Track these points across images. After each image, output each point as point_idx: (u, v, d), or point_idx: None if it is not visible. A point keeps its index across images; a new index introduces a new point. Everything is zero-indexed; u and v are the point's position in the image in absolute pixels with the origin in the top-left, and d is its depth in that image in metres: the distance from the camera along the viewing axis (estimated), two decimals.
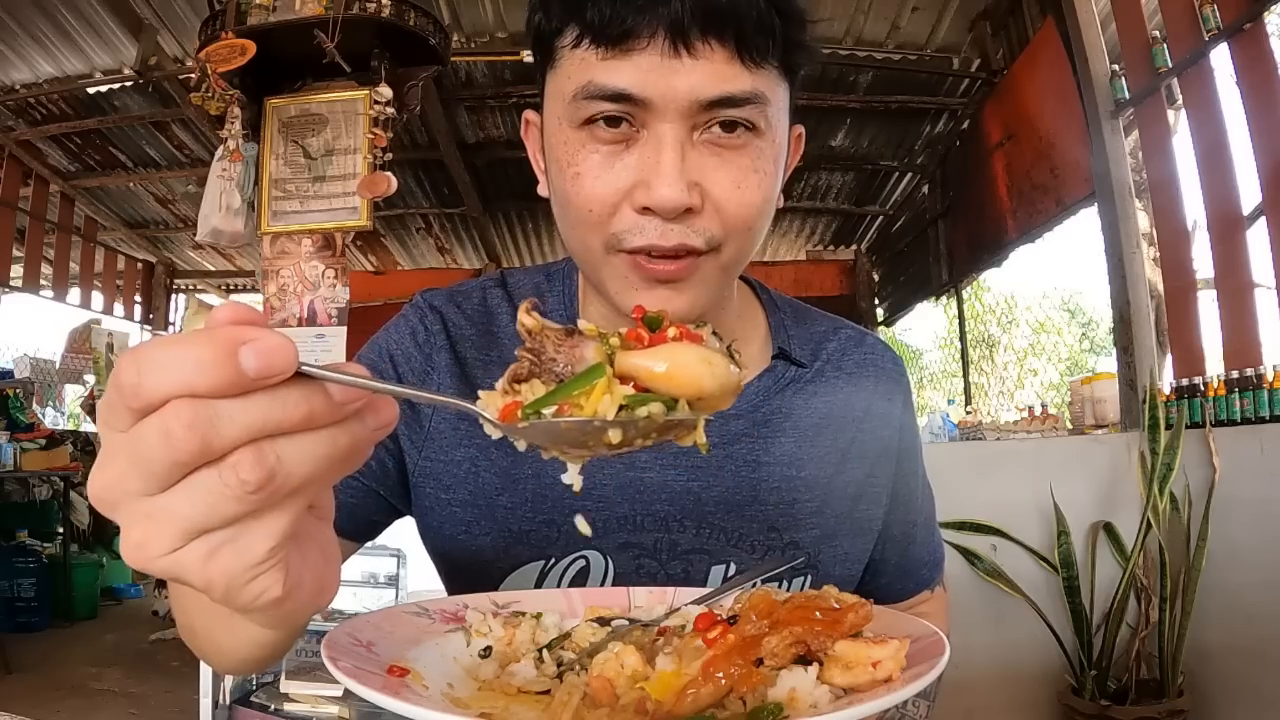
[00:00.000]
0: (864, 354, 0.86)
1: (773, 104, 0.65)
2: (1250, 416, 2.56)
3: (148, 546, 0.34)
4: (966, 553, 2.78)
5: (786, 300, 0.90)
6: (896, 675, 0.42)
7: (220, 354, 0.31)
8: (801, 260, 7.14)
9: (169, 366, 0.32)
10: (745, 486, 0.76)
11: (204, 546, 0.34)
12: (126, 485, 0.33)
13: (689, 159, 0.63)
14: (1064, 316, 10.37)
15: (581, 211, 0.65)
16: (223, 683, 2.31)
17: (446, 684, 0.48)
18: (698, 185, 0.63)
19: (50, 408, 6.82)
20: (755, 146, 0.65)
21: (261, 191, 3.36)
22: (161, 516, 0.33)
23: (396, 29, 3.21)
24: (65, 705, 3.70)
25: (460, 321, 0.79)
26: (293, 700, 2.22)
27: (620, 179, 0.64)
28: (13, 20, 4.52)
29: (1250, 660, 2.44)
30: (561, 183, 0.67)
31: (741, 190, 0.65)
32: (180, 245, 7.47)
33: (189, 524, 0.33)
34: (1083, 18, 3.43)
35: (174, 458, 0.32)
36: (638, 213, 0.64)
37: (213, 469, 0.33)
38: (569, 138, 0.65)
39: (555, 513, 0.74)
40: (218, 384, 0.31)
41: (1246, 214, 2.79)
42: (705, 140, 0.64)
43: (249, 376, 0.32)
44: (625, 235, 0.65)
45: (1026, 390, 7.13)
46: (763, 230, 0.69)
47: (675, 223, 0.63)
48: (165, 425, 0.32)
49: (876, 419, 0.83)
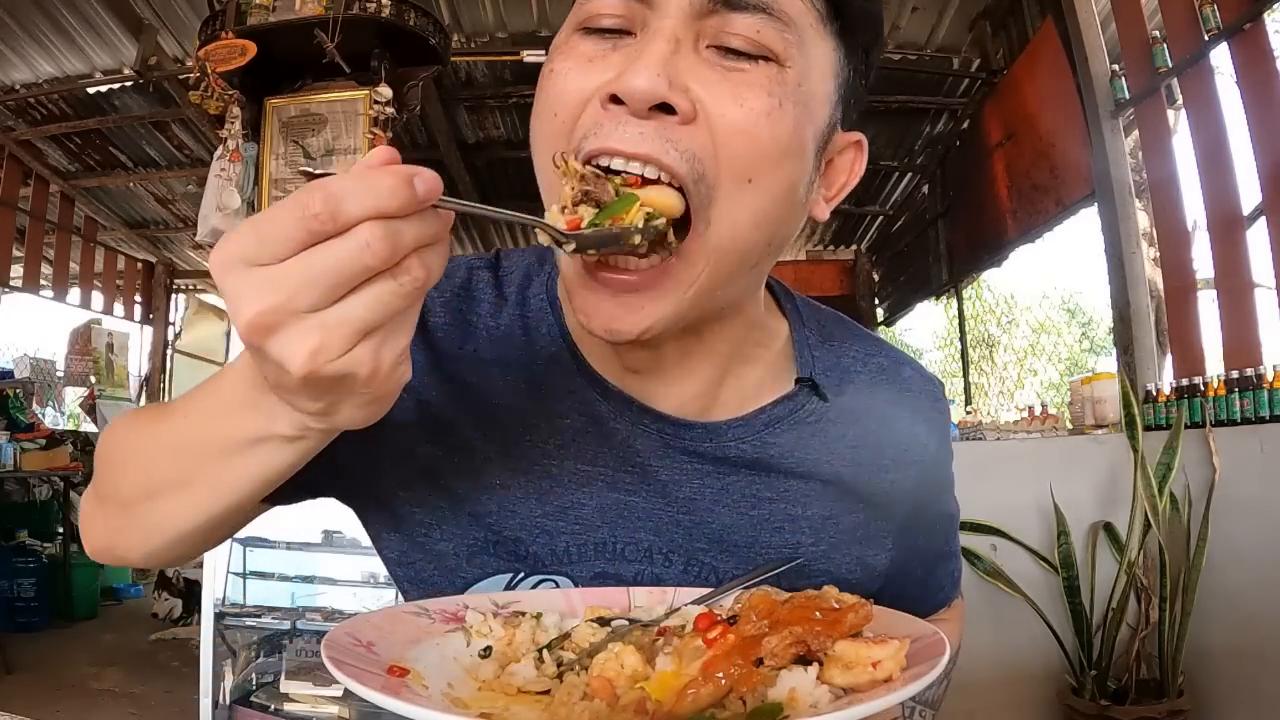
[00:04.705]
0: (899, 390, 0.74)
1: (802, 46, 0.55)
2: (1250, 416, 2.56)
3: (324, 352, 0.39)
4: (966, 553, 2.77)
5: (813, 311, 0.77)
6: (896, 675, 0.42)
7: (402, 184, 0.38)
8: (801, 260, 7.14)
9: (364, 193, 0.38)
10: (743, 525, 0.67)
11: (372, 343, 0.40)
12: (297, 303, 0.38)
13: (683, 60, 0.53)
14: (1064, 316, 10.37)
15: (546, 119, 0.56)
16: (223, 683, 2.31)
17: (446, 684, 0.48)
18: (688, 93, 0.53)
19: (50, 408, 6.81)
20: (773, 70, 0.54)
21: (261, 191, 3.36)
22: (338, 323, 0.39)
23: (396, 29, 3.22)
24: (65, 705, 3.69)
25: (435, 307, 0.68)
26: (293, 700, 2.22)
27: (598, 73, 0.54)
28: (13, 20, 4.52)
29: (1250, 660, 2.44)
30: (539, 89, 0.58)
31: (746, 111, 0.53)
32: (180, 245, 7.47)
33: (363, 324, 0.39)
34: (1083, 18, 3.43)
35: (367, 266, 0.38)
36: (603, 107, 0.53)
37: (388, 276, 0.39)
38: (562, 40, 0.58)
39: (523, 529, 0.65)
40: (403, 207, 0.38)
41: (1246, 214, 2.79)
42: (709, 54, 0.54)
43: (420, 199, 0.39)
44: (584, 139, 0.54)
45: (1026, 390, 7.13)
46: (771, 179, 0.55)
47: (650, 119, 0.52)
48: (364, 240, 0.38)
49: (904, 464, 0.73)
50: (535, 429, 0.66)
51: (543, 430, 0.66)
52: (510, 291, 0.70)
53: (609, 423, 0.66)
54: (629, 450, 0.66)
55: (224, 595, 2.31)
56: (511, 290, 0.70)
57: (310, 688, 2.22)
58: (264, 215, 0.39)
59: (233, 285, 0.39)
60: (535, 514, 0.65)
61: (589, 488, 0.65)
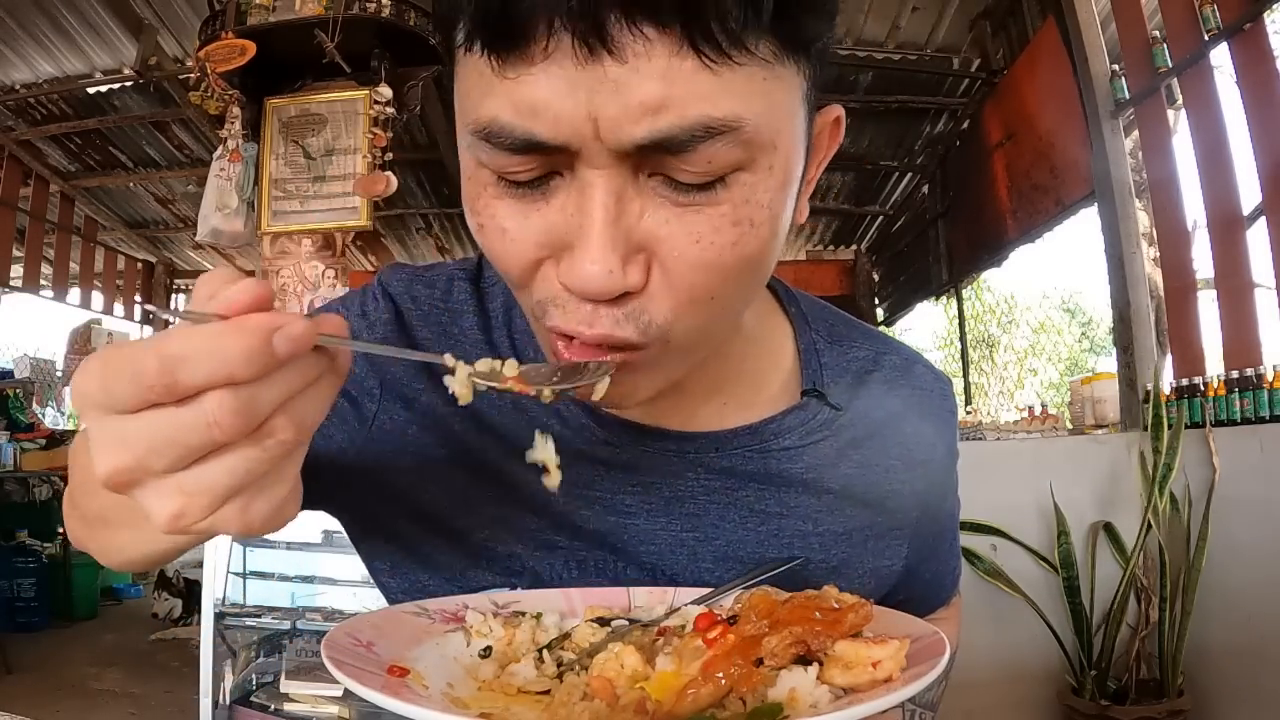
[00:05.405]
0: (911, 389, 0.72)
1: (765, 113, 0.44)
2: (1250, 416, 2.56)
3: (186, 516, 0.36)
4: (967, 553, 2.77)
5: (819, 312, 0.73)
6: (896, 675, 0.42)
7: (258, 346, 0.33)
8: (801, 260, 7.15)
9: (208, 359, 0.33)
10: (750, 541, 0.65)
11: (239, 503, 0.37)
12: (151, 465, 0.34)
13: (629, 211, 0.45)
14: (1064, 316, 10.37)
15: (500, 270, 0.51)
16: (223, 683, 2.31)
17: (446, 684, 0.48)
18: (642, 251, 0.46)
19: (50, 408, 6.82)
20: (740, 186, 0.45)
21: (261, 191, 3.36)
22: (197, 488, 0.35)
23: (396, 29, 3.22)
24: (65, 705, 3.69)
25: (414, 322, 0.65)
26: (293, 700, 2.22)
27: (539, 235, 0.47)
28: (13, 20, 4.53)
29: (1250, 660, 2.44)
30: (470, 228, 0.52)
31: (703, 249, 0.46)
32: (180, 245, 7.47)
33: (227, 490, 0.35)
34: (1083, 18, 3.43)
35: (217, 440, 0.34)
36: (561, 283, 0.48)
37: (248, 443, 0.35)
38: (472, 175, 0.49)
39: (519, 544, 0.63)
40: (259, 372, 0.33)
41: (1246, 214, 2.79)
42: (657, 185, 0.45)
43: (282, 359, 0.34)
44: (548, 308, 0.49)
45: (1026, 390, 7.13)
46: (739, 296, 0.51)
47: (606, 305, 0.47)
48: (210, 415, 0.33)
49: (916, 468, 0.71)
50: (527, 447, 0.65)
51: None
52: (495, 308, 0.68)
53: (608, 445, 0.64)
54: (629, 471, 0.64)
55: (224, 595, 2.31)
56: (496, 307, 0.68)
57: (310, 688, 2.22)
58: (111, 353, 0.34)
59: (90, 427, 0.35)
60: (531, 529, 0.63)
61: (588, 511, 0.63)
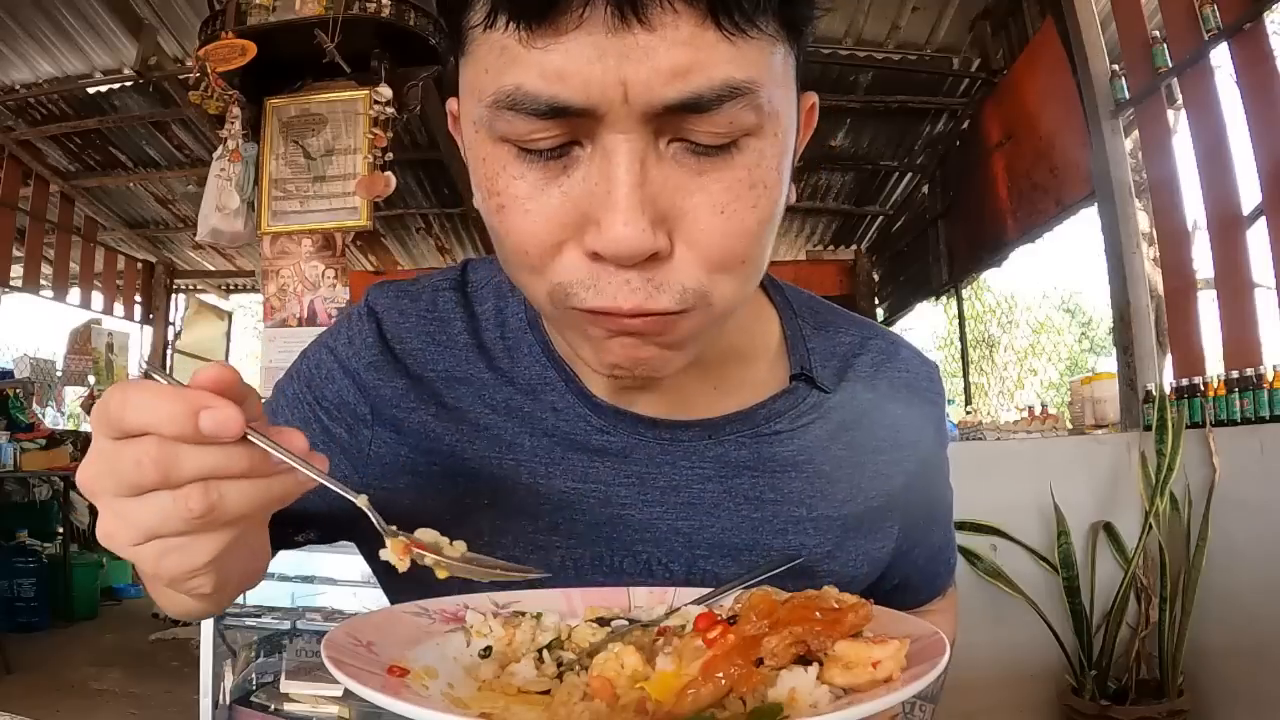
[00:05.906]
0: (897, 371, 0.73)
1: (770, 84, 0.47)
2: (1250, 416, 2.56)
3: (115, 537, 0.42)
4: (966, 553, 2.77)
5: (804, 300, 0.75)
6: (896, 675, 0.42)
7: (185, 412, 0.39)
8: (801, 260, 7.14)
9: (146, 410, 0.39)
10: (745, 528, 0.65)
11: (158, 547, 0.42)
12: (103, 484, 0.41)
13: (652, 178, 0.46)
14: (1064, 316, 10.36)
15: (516, 253, 0.50)
16: (223, 683, 2.31)
17: (446, 684, 0.48)
18: (665, 219, 0.47)
19: (50, 408, 6.81)
20: (751, 151, 0.48)
21: (261, 191, 3.36)
22: (127, 517, 0.41)
23: (396, 29, 3.22)
24: (65, 705, 3.70)
25: (402, 334, 0.66)
26: (293, 700, 2.22)
27: (562, 210, 0.47)
28: (13, 20, 4.52)
29: (1250, 660, 2.44)
30: (486, 213, 0.51)
31: (728, 217, 0.48)
32: (180, 245, 7.47)
33: (147, 530, 0.41)
34: (1083, 18, 3.43)
35: (139, 480, 0.40)
36: (589, 258, 0.48)
37: (169, 494, 0.40)
38: (489, 154, 0.49)
39: (516, 548, 0.63)
40: (180, 435, 0.39)
41: (1246, 214, 2.79)
42: (676, 153, 0.47)
43: (203, 434, 0.39)
44: (574, 290, 0.49)
45: (1026, 390, 7.12)
46: (764, 256, 0.53)
47: (635, 271, 0.48)
48: (137, 454, 0.40)
49: (905, 448, 0.72)
50: (519, 448, 0.65)
51: (528, 449, 0.65)
52: (485, 310, 0.68)
53: (602, 437, 0.65)
54: (624, 462, 0.65)
55: None
56: (486, 309, 0.68)
57: (310, 688, 2.22)
58: (116, 385, 0.42)
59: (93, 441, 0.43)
60: (527, 531, 0.64)
61: (582, 504, 0.64)
